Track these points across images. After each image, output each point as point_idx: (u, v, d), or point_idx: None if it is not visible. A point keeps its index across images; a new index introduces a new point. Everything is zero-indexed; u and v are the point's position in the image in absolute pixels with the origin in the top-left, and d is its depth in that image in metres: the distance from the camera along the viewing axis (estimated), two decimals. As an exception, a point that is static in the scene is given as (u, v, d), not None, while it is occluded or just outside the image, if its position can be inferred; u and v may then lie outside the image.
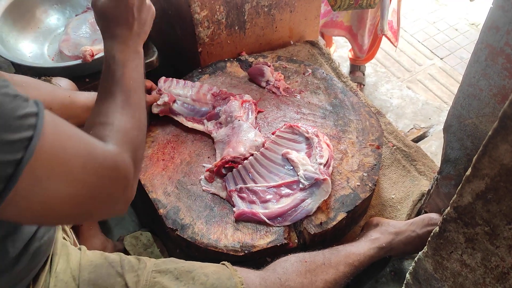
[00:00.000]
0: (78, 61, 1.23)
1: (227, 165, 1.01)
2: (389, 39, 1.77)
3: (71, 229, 0.86)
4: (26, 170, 0.43)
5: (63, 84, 1.04)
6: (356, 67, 2.11)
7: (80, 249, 0.76)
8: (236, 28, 1.38)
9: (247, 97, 1.18)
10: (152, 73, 1.45)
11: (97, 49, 1.28)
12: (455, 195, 0.53)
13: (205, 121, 1.15)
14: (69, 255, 0.72)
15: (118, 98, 0.61)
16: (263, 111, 1.19)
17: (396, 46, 1.84)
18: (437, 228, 0.59)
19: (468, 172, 0.49)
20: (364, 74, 2.12)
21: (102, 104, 0.61)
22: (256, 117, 1.16)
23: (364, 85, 2.11)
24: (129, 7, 0.66)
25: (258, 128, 1.13)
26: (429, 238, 0.62)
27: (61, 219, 0.53)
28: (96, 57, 1.24)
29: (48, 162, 0.45)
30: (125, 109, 0.60)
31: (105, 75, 0.64)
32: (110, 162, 0.52)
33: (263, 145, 1.06)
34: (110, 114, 0.59)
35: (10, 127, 0.42)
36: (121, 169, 0.53)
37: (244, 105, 1.16)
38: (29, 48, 1.40)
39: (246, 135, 1.06)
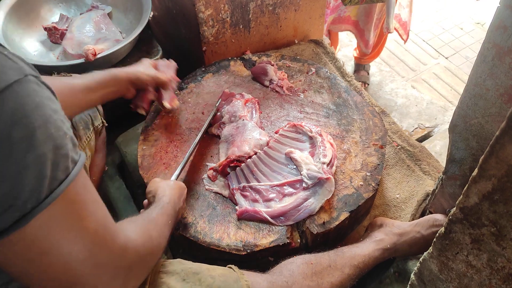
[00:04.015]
0: (81, 60, 1.24)
1: (232, 164, 1.01)
2: (397, 31, 1.75)
3: None
4: (45, 212, 0.42)
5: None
6: (360, 66, 2.10)
7: None
8: (241, 27, 1.37)
9: (249, 96, 1.18)
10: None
11: (100, 48, 1.29)
12: (461, 196, 0.52)
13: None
14: None
15: (156, 216, 0.70)
16: (261, 113, 1.18)
17: (405, 40, 1.82)
18: (442, 229, 0.59)
19: (474, 173, 0.48)
20: (368, 73, 2.12)
21: (142, 215, 0.69)
22: (259, 116, 1.16)
23: (368, 84, 2.10)
24: (183, 197, 0.86)
25: (262, 127, 1.12)
26: (435, 239, 0.61)
27: (46, 281, 0.48)
28: (98, 56, 1.24)
29: (66, 212, 0.44)
30: (156, 226, 0.67)
31: (154, 204, 0.76)
32: (120, 243, 0.52)
33: (267, 144, 1.06)
34: (144, 219, 0.66)
35: (53, 161, 0.42)
36: (126, 257, 0.53)
37: (247, 104, 1.15)
38: (34, 47, 1.41)
39: (250, 134, 1.06)
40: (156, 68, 1.09)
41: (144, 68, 1.01)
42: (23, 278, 0.47)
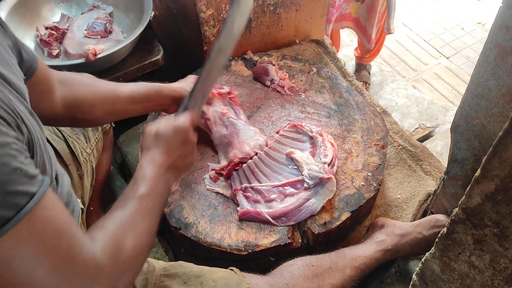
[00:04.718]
0: (82, 60, 1.23)
1: (236, 168, 1.01)
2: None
3: None
4: None
5: (84, 78, 1.03)
6: (362, 66, 2.10)
7: None
8: (241, 27, 1.37)
9: (223, 88, 1.12)
10: (158, 72, 1.45)
11: (100, 48, 1.29)
12: (464, 196, 0.52)
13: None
14: None
15: (131, 213, 0.59)
16: (238, 104, 1.14)
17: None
18: (445, 229, 0.58)
19: (477, 173, 0.48)
20: (369, 73, 2.12)
21: (114, 210, 0.59)
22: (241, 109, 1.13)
23: (369, 84, 2.10)
24: (189, 146, 0.69)
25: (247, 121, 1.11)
26: (437, 239, 0.61)
27: None
28: (99, 56, 1.24)
29: (22, 250, 0.42)
30: (132, 227, 0.58)
31: (130, 187, 0.63)
32: (90, 270, 0.48)
33: (266, 144, 1.06)
34: (115, 223, 0.57)
35: None
36: (98, 277, 0.49)
37: (224, 99, 1.12)
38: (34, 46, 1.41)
39: (246, 134, 1.05)
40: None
41: (189, 87, 0.95)
42: None
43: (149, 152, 0.67)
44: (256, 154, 1.03)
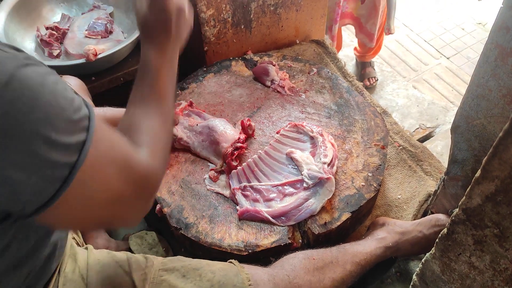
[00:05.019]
0: (83, 60, 1.24)
1: (234, 155, 1.02)
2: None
3: None
4: (79, 174, 0.44)
5: (72, 82, 1.04)
6: (366, 64, 2.10)
7: (86, 248, 0.77)
8: (242, 27, 1.37)
9: (182, 104, 1.14)
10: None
11: (101, 48, 1.29)
12: (464, 197, 0.52)
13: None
14: (77, 254, 0.73)
15: (151, 104, 0.62)
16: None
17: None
18: (445, 230, 0.59)
19: (477, 174, 0.48)
20: (374, 69, 2.11)
21: (135, 108, 0.62)
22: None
23: (377, 79, 2.09)
24: (169, 18, 0.67)
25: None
26: (437, 240, 0.61)
27: (91, 225, 0.54)
28: (99, 56, 1.24)
29: (94, 167, 0.46)
30: (157, 116, 0.61)
31: (139, 79, 0.65)
32: (143, 171, 0.53)
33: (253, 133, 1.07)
34: (143, 119, 0.60)
35: (68, 129, 0.43)
36: (151, 179, 0.55)
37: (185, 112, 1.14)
38: (35, 47, 1.41)
39: (220, 126, 1.06)
40: None
41: None
42: (69, 223, 0.50)
43: (145, 38, 0.68)
44: (246, 138, 1.06)
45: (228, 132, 1.05)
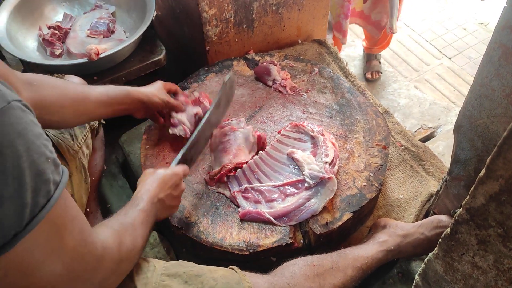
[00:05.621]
0: (85, 59, 1.24)
1: (230, 174, 1.01)
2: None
3: None
4: (27, 237, 0.45)
5: (75, 81, 1.04)
6: (372, 56, 2.10)
7: None
8: (244, 27, 1.37)
9: (196, 94, 1.12)
10: (160, 72, 1.45)
11: (103, 48, 1.29)
12: (468, 197, 0.52)
13: None
14: None
15: (131, 220, 0.70)
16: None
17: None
18: (448, 230, 0.58)
19: (481, 173, 0.48)
20: (380, 62, 2.12)
21: (116, 216, 0.70)
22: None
23: (381, 73, 2.09)
24: (178, 190, 0.83)
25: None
26: (440, 240, 0.61)
27: None
28: (101, 56, 1.24)
29: (48, 234, 0.47)
30: (132, 229, 0.68)
31: (129, 203, 0.75)
32: (97, 255, 0.55)
33: (261, 142, 1.06)
34: (118, 223, 0.67)
35: (33, 187, 0.44)
36: (102, 267, 0.57)
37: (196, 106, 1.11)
38: (37, 46, 1.41)
39: (241, 142, 1.04)
40: (175, 92, 1.11)
41: (157, 91, 1.02)
42: None
43: (145, 185, 0.78)
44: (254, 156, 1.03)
45: (243, 149, 1.03)
